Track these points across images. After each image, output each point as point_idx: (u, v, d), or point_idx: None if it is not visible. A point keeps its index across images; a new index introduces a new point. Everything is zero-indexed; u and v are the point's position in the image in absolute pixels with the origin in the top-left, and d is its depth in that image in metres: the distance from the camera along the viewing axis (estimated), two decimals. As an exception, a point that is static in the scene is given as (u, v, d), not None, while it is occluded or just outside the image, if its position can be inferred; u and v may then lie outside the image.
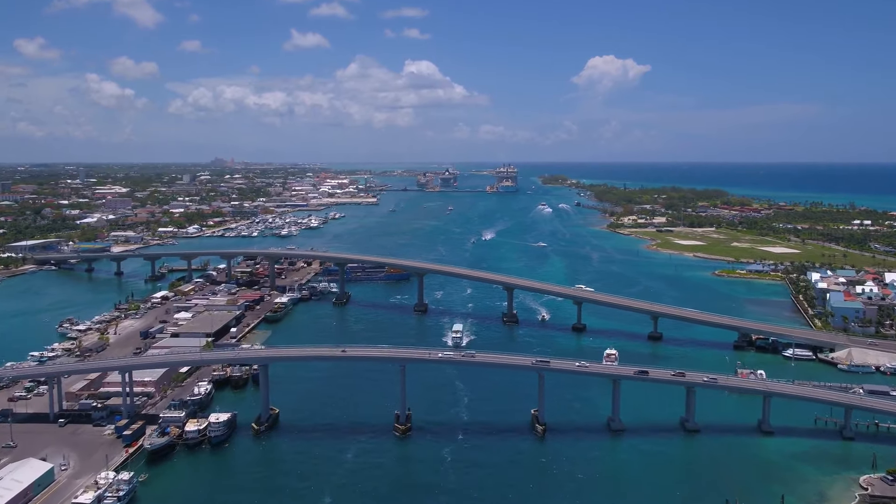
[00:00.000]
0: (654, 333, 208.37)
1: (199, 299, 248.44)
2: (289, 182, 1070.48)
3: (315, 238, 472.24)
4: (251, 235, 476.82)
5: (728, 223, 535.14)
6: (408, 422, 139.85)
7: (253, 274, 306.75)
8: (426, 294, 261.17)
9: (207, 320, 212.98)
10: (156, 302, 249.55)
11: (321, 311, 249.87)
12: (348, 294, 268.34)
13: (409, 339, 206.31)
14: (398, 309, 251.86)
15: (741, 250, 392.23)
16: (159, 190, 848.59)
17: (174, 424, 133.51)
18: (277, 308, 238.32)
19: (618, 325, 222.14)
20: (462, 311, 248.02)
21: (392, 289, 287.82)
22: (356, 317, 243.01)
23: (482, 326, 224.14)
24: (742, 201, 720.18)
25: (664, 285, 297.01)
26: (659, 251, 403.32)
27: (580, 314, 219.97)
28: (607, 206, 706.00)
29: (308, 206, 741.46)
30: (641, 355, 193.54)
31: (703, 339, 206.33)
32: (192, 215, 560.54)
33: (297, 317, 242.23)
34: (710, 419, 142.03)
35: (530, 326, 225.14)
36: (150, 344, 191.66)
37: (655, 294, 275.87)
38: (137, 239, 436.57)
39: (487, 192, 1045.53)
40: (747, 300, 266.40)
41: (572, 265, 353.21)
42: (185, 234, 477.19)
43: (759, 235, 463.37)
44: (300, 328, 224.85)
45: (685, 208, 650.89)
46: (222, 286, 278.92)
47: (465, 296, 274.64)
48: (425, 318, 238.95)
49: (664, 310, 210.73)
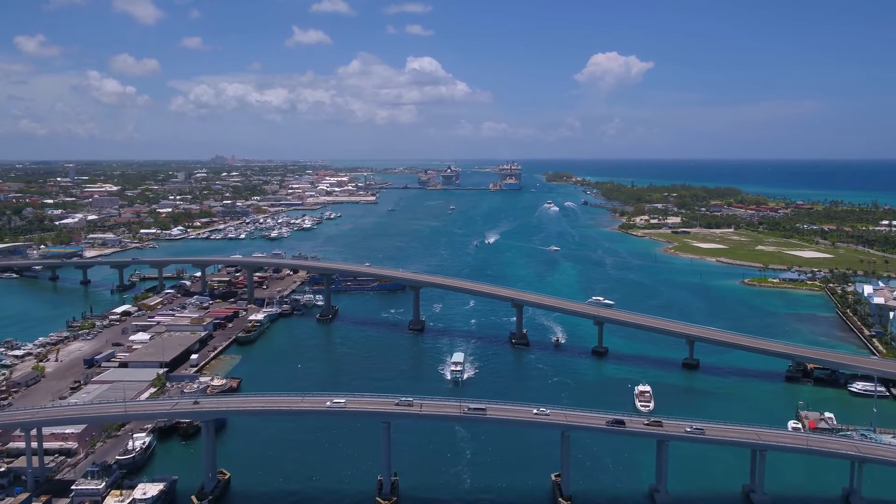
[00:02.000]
0: (690, 360, 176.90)
1: (163, 316, 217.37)
2: (286, 180, 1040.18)
3: (307, 240, 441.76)
4: (238, 238, 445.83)
5: (747, 224, 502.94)
6: (393, 492, 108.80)
7: (232, 283, 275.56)
8: (424, 307, 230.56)
9: (167, 344, 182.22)
10: (114, 319, 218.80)
11: (303, 330, 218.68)
12: (335, 308, 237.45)
13: (401, 369, 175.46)
14: (391, 327, 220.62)
15: (768, 255, 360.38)
16: (151, 188, 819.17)
17: (89, 500, 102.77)
18: (251, 327, 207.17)
19: (644, 347, 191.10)
20: (464, 330, 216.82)
21: (385, 301, 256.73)
22: (342, 336, 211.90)
23: (487, 351, 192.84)
24: (758, 200, 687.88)
25: (690, 296, 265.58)
26: (678, 255, 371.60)
27: (601, 336, 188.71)
28: (616, 205, 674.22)
29: (304, 205, 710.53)
30: (677, 390, 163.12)
31: (747, 366, 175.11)
32: (179, 215, 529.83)
33: (275, 337, 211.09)
34: (782, 486, 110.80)
35: (543, 350, 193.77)
36: (91, 376, 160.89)
37: (682, 307, 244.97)
38: (115, 242, 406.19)
39: (490, 189, 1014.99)
40: (787, 315, 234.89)
41: (585, 273, 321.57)
42: (168, 236, 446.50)
43: (784, 237, 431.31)
44: (275, 352, 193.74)
45: (699, 207, 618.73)
46: (194, 299, 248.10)
47: (467, 310, 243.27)
48: (422, 338, 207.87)
49: (703, 333, 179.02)
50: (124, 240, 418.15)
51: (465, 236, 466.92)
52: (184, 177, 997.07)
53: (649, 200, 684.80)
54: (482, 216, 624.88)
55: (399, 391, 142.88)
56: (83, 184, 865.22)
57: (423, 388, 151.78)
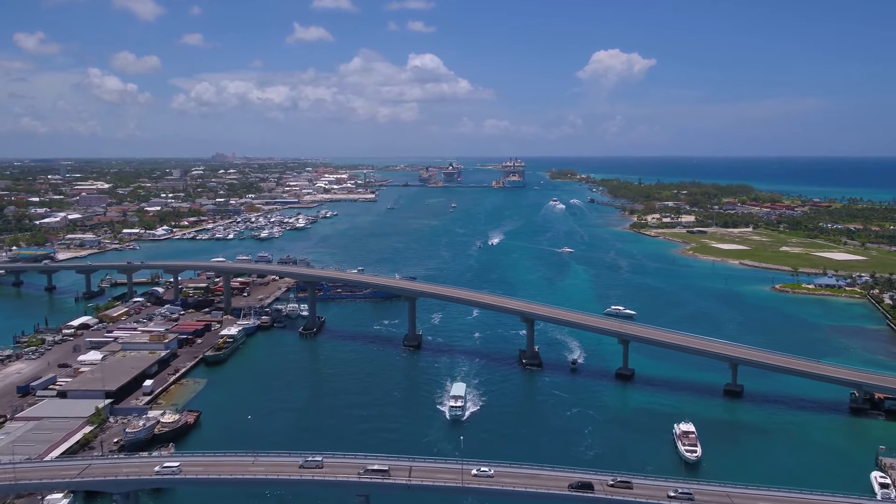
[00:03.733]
0: (733, 386, 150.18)
1: (123, 331, 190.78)
2: (284, 177, 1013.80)
3: (299, 241, 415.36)
4: (226, 238, 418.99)
5: (765, 223, 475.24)
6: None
7: (210, 291, 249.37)
8: (421, 318, 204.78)
9: (117, 367, 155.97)
10: (68, 334, 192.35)
11: (282, 346, 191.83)
12: (321, 320, 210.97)
13: (392, 399, 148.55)
14: (383, 342, 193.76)
15: (795, 257, 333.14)
16: (143, 186, 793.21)
17: None
18: (222, 343, 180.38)
19: (676, 369, 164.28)
20: (466, 347, 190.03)
21: (379, 310, 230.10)
22: (327, 355, 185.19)
23: (494, 373, 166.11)
24: (772, 197, 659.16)
25: (718, 305, 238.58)
26: (697, 257, 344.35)
27: (627, 355, 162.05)
28: (625, 203, 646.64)
29: (299, 203, 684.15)
30: (720, 425, 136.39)
31: (799, 394, 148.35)
32: (166, 214, 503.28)
33: (250, 355, 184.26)
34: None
35: (559, 372, 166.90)
36: (21, 408, 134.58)
37: (711, 318, 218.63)
38: (93, 243, 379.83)
39: (493, 187, 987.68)
40: (832, 329, 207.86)
41: (599, 277, 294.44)
42: (152, 236, 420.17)
43: (808, 238, 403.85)
44: (247, 375, 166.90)
45: (712, 205, 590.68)
46: (165, 308, 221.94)
47: (469, 321, 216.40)
48: (418, 356, 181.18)
49: (750, 355, 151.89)
50: (104, 241, 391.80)
51: (468, 236, 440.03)
52: (179, 174, 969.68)
53: (659, 198, 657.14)
54: (485, 214, 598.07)
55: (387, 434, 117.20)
56: (75, 181, 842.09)
57: (417, 429, 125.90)
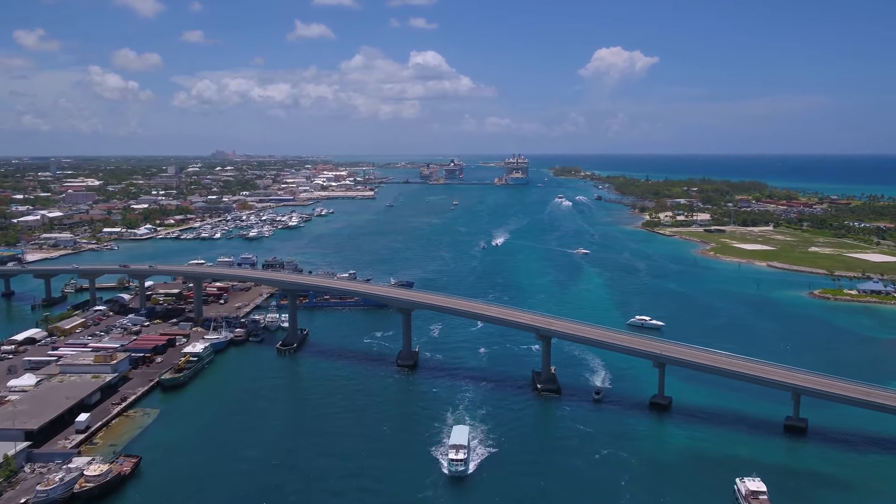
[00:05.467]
0: (796, 421, 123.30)
1: (70, 348, 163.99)
2: (282, 174, 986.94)
3: (291, 240, 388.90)
4: (212, 237, 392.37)
5: (786, 221, 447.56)
6: None
7: (181, 297, 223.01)
8: (418, 329, 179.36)
9: (49, 396, 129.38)
10: (7, 351, 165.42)
11: (255, 366, 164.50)
12: (304, 333, 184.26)
13: (379, 443, 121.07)
14: (374, 361, 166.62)
15: (827, 258, 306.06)
16: (135, 183, 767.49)
17: None
18: (184, 363, 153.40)
19: (719, 395, 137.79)
20: (470, 366, 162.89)
21: (370, 319, 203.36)
22: (307, 378, 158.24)
23: (503, 403, 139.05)
24: (788, 194, 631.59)
25: (753, 314, 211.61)
26: (719, 258, 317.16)
27: (663, 381, 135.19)
28: (635, 201, 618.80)
29: (295, 200, 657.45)
30: (786, 474, 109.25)
31: (873, 429, 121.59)
32: (151, 212, 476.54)
33: (216, 377, 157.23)
34: None
35: (580, 400, 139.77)
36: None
37: (747, 329, 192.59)
38: (68, 243, 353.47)
39: (496, 184, 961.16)
40: (890, 342, 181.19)
41: (616, 281, 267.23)
42: (133, 235, 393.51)
43: (836, 237, 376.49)
44: (208, 405, 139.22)
45: (725, 203, 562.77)
46: (127, 319, 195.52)
47: (473, 332, 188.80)
48: (414, 380, 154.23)
49: (816, 384, 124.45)
50: (80, 240, 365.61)
51: (470, 235, 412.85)
52: (175, 171, 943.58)
53: (669, 195, 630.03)
54: (488, 212, 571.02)
55: (367, 498, 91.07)
56: (65, 178, 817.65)
57: (406, 492, 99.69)
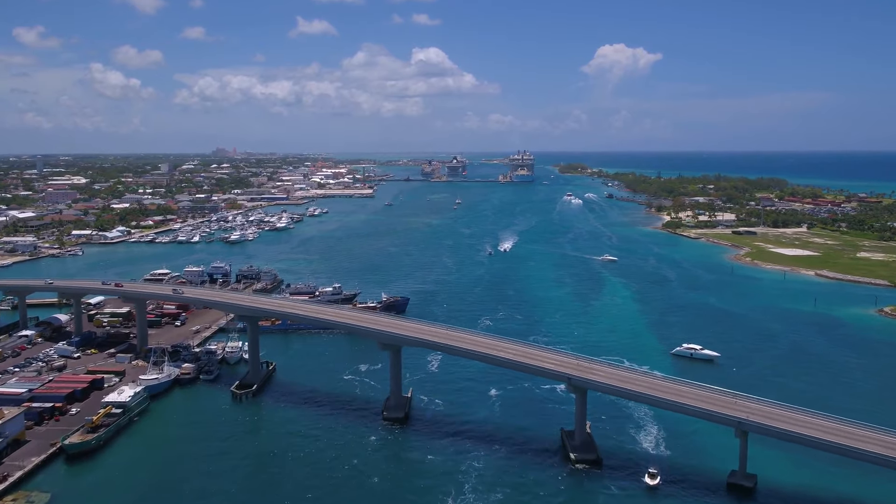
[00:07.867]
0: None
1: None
2: (279, 172, 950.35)
3: (276, 244, 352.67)
4: (191, 241, 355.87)
5: (820, 221, 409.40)
6: None
7: (129, 318, 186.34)
8: (412, 364, 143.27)
9: None
10: None
11: (201, 419, 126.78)
12: (270, 368, 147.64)
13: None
14: (354, 411, 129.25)
15: (882, 266, 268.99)
16: (123, 181, 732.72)
17: None
18: (97, 421, 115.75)
19: (814, 467, 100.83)
20: (478, 420, 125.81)
21: (354, 347, 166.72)
22: (268, 436, 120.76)
23: (524, 478, 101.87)
24: (813, 192, 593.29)
25: (821, 339, 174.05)
26: (757, 266, 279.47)
27: (745, 455, 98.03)
28: (649, 199, 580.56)
29: (288, 199, 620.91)
30: None
31: None
32: (129, 213, 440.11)
33: (145, 437, 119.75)
34: None
35: (629, 477, 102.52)
36: None
37: (822, 362, 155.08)
38: (28, 247, 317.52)
39: (500, 181, 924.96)
40: None
41: (644, 294, 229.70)
42: (104, 238, 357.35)
43: (883, 240, 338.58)
44: (127, 484, 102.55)
45: (747, 202, 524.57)
46: (54, 349, 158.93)
47: (480, 366, 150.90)
48: (404, 441, 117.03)
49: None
50: (42, 244, 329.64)
51: (475, 238, 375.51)
52: (167, 168, 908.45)
53: (685, 193, 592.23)
54: (493, 212, 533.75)
55: None
56: (50, 176, 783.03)
57: None
